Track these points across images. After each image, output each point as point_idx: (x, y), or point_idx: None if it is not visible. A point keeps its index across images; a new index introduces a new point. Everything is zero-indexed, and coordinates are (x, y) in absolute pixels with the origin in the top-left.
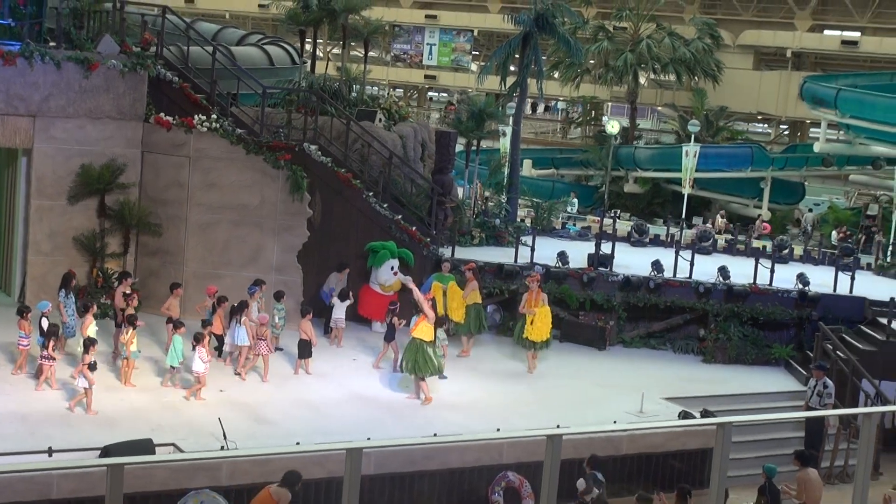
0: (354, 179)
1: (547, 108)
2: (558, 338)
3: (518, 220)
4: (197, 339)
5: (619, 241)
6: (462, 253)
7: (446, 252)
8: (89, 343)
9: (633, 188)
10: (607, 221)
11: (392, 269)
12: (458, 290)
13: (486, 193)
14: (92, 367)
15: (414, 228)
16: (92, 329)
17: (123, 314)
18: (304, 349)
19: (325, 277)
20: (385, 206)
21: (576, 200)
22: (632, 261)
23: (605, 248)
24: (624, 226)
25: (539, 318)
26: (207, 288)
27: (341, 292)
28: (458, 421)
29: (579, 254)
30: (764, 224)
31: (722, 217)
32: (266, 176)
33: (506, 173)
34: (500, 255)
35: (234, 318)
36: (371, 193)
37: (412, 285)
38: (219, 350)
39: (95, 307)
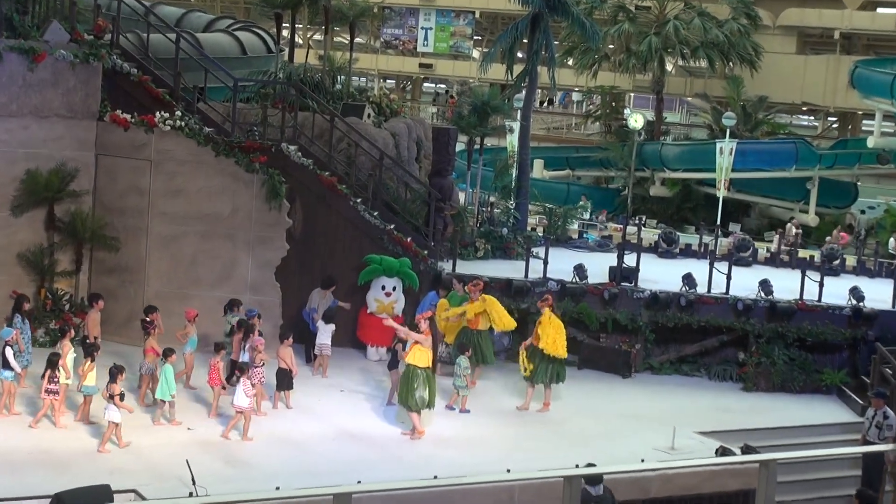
0: (340, 184)
1: (550, 102)
2: (577, 364)
3: (528, 228)
4: (241, 370)
5: (644, 252)
6: (464, 267)
7: (446, 266)
8: (117, 371)
9: (661, 191)
10: (631, 229)
11: (384, 288)
12: (499, 310)
13: (492, 199)
14: (121, 397)
15: (409, 239)
16: (70, 357)
17: (96, 342)
18: (284, 380)
19: (307, 296)
20: (375, 214)
21: (589, 204)
22: (660, 274)
23: (629, 260)
24: (650, 234)
25: (552, 332)
26: (186, 312)
27: (326, 313)
28: (461, 460)
29: (599, 267)
30: (842, 234)
31: (796, 227)
32: (239, 181)
33: (514, 175)
34: (508, 270)
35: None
36: (359, 200)
37: (392, 323)
38: (228, 379)
39: (73, 332)
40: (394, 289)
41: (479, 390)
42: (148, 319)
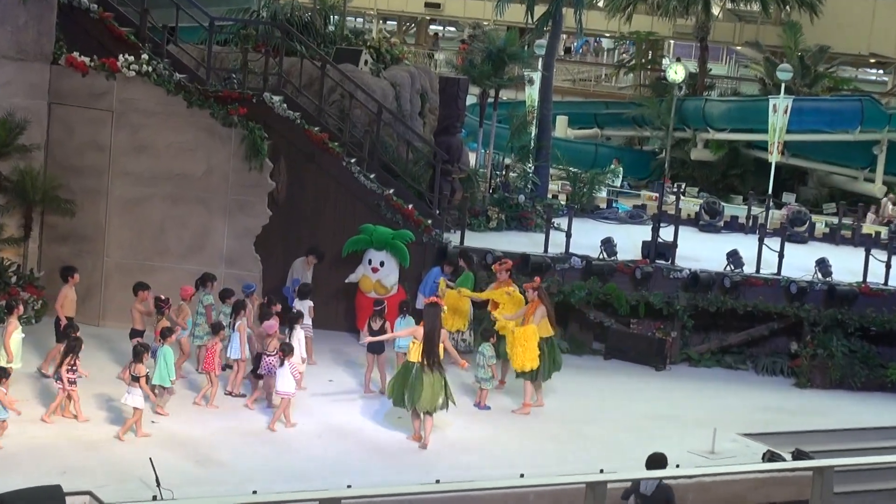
0: (331, 141)
1: (567, 51)
2: (603, 354)
3: (549, 196)
4: (284, 351)
5: (683, 225)
6: (475, 239)
7: (453, 238)
8: (143, 350)
9: (703, 154)
10: (668, 198)
11: (370, 262)
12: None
13: (507, 161)
14: (147, 378)
15: (410, 207)
16: (17, 338)
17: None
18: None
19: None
20: (372, 176)
21: (620, 170)
22: (701, 251)
23: (666, 234)
24: (691, 204)
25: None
26: (182, 290)
27: (301, 288)
28: (467, 463)
29: (631, 241)
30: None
31: (893, 203)
32: (214, 136)
33: (533, 134)
34: (524, 243)
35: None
36: (353, 160)
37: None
38: (255, 370)
39: (21, 308)
40: (381, 264)
41: None
42: (163, 298)
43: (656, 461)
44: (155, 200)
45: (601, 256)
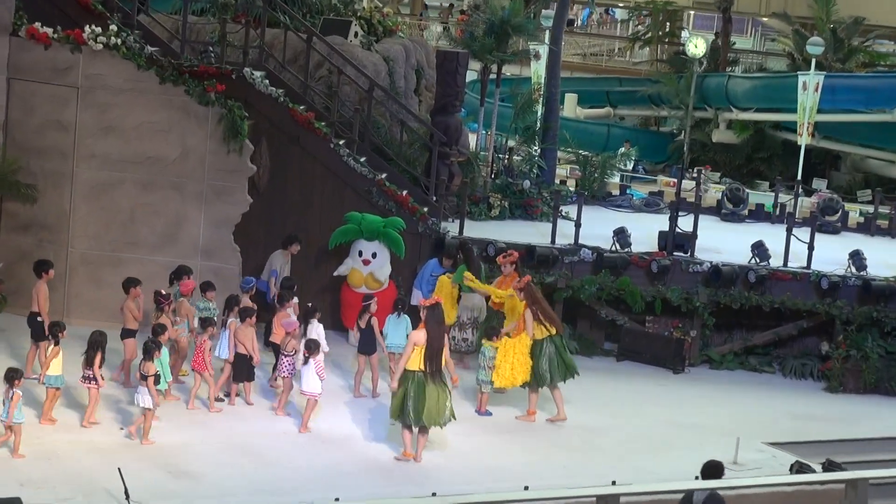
0: (318, 121)
1: (571, 23)
2: (615, 355)
3: (557, 181)
4: (310, 349)
5: (704, 214)
6: (475, 229)
7: (451, 227)
8: (154, 347)
9: (726, 136)
10: (688, 184)
11: (360, 254)
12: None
13: (511, 143)
14: (156, 379)
15: (405, 193)
16: None
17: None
18: (242, 368)
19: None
20: (363, 160)
21: (633, 153)
22: (723, 242)
23: (685, 223)
24: (712, 191)
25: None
26: (182, 285)
27: (284, 282)
28: (467, 475)
29: (646, 232)
30: None
31: None
32: (189, 116)
33: (539, 114)
34: (529, 234)
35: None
36: (342, 142)
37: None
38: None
39: None
40: (373, 255)
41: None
42: (164, 293)
43: (713, 470)
44: (124, 186)
45: (614, 248)
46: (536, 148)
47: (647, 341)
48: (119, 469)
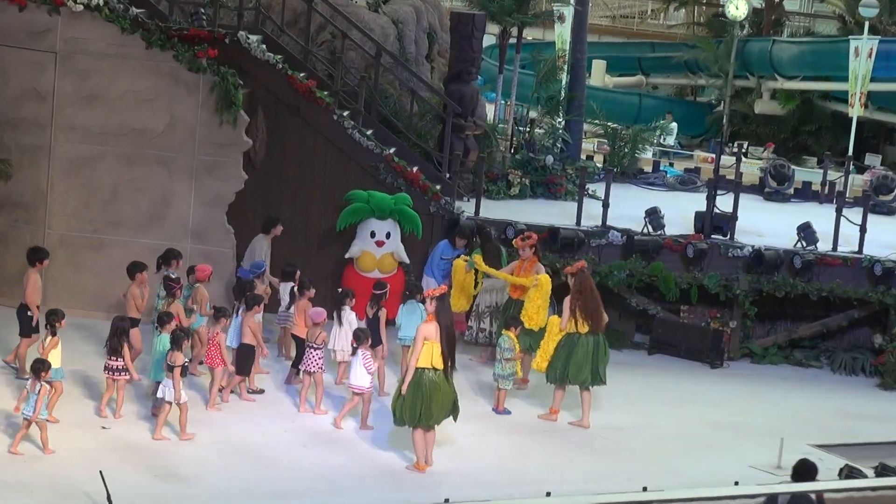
0: (320, 90)
1: None
2: (646, 348)
3: (583, 157)
4: (358, 340)
5: (745, 193)
6: (492, 209)
7: (466, 207)
8: (182, 336)
9: (770, 107)
10: (727, 160)
11: (373, 235)
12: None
13: (533, 114)
14: (183, 370)
15: (415, 169)
16: None
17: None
18: (245, 360)
19: (275, 248)
20: (369, 133)
21: (674, 126)
22: (766, 224)
23: (724, 203)
24: (754, 168)
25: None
26: (198, 269)
27: (285, 269)
28: (483, 479)
29: (681, 212)
30: None
31: None
32: (178, 84)
33: (564, 82)
34: (552, 214)
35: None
36: (346, 113)
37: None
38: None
39: None
40: (387, 236)
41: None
42: (175, 277)
43: (805, 470)
44: (107, 161)
45: (645, 230)
46: (560, 120)
47: (682, 333)
48: (101, 472)
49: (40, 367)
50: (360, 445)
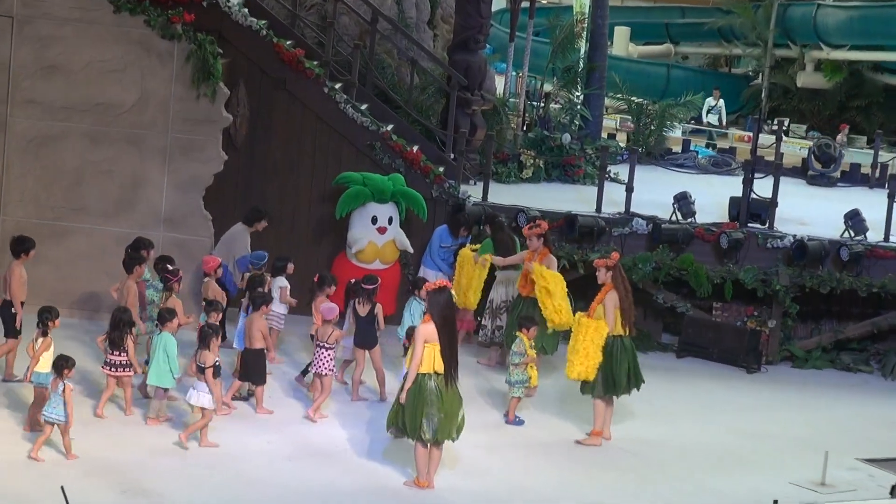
0: (309, 61)
1: None
2: (675, 350)
3: (604, 136)
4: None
5: (786, 177)
6: (502, 193)
7: (474, 192)
8: (211, 333)
9: (814, 79)
10: (766, 139)
11: (375, 221)
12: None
13: (548, 88)
14: (215, 371)
15: (416, 149)
16: None
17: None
18: (254, 366)
19: (258, 237)
20: (364, 108)
21: (721, 104)
22: (810, 211)
23: (762, 187)
24: (795, 148)
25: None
26: (204, 261)
27: (277, 262)
28: (489, 498)
29: (714, 198)
30: None
31: None
32: (150, 53)
33: (583, 52)
34: (569, 199)
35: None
36: (339, 86)
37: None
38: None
39: None
40: (389, 221)
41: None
42: (172, 269)
43: None
44: (70, 140)
45: (674, 218)
46: (579, 94)
47: (715, 333)
48: (62, 488)
49: (63, 364)
50: (353, 459)
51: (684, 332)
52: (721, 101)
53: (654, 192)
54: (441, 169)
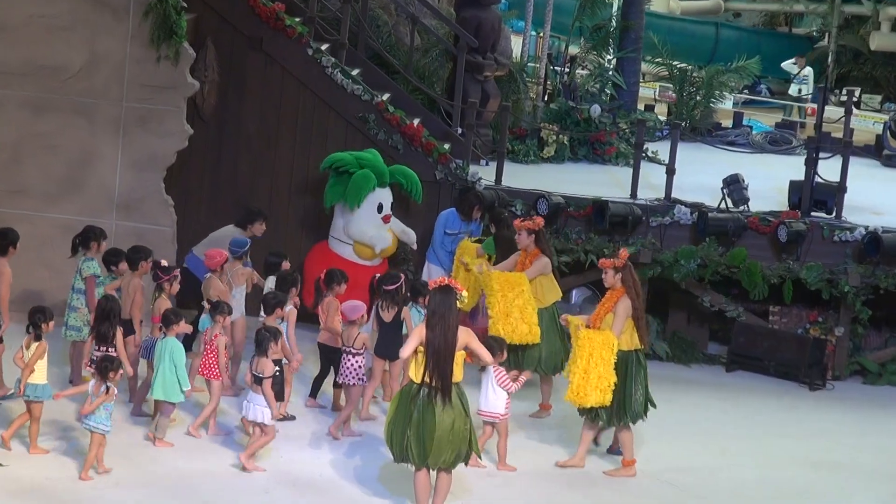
0: (290, 17)
1: None
2: (724, 362)
3: (640, 107)
4: (492, 348)
5: (857, 157)
6: (519, 176)
7: (485, 174)
8: (270, 336)
9: (890, 41)
10: (833, 111)
11: (380, 209)
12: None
13: (573, 50)
14: (275, 381)
15: (417, 122)
16: None
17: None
18: (274, 383)
19: (225, 222)
20: (355, 73)
21: (809, 72)
22: (884, 197)
23: (828, 170)
24: (868, 122)
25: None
26: (208, 256)
27: (270, 260)
28: None
29: (771, 182)
30: None
31: None
32: (102, 7)
33: (615, 7)
34: (599, 183)
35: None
36: (326, 47)
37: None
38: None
39: None
40: (392, 206)
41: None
42: (164, 265)
43: None
44: (7, 109)
45: (723, 205)
46: (610, 58)
47: (772, 343)
48: None
49: (108, 365)
50: (342, 487)
51: (735, 341)
52: (808, 70)
53: (699, 175)
54: (447, 146)
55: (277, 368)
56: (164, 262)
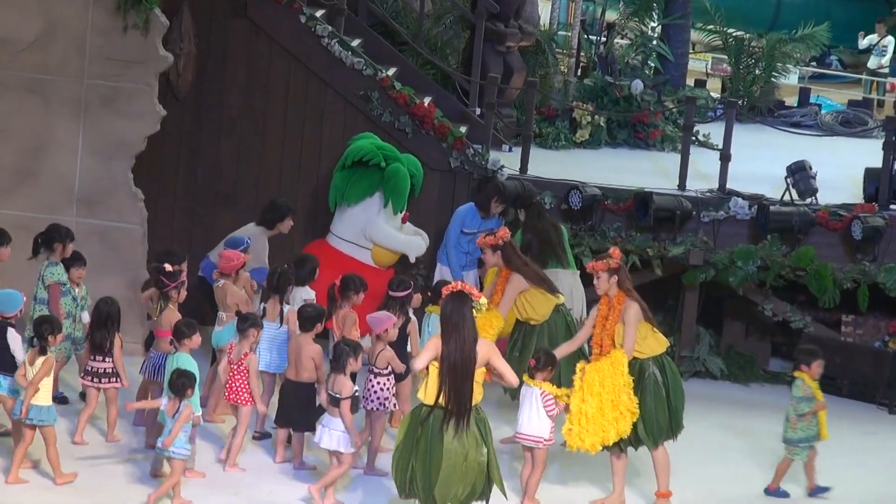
0: None
1: None
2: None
3: (689, 83)
4: (539, 364)
5: None
6: (548, 162)
7: (508, 161)
8: (348, 350)
9: None
10: None
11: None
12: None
13: (611, 17)
14: (355, 403)
15: (428, 101)
16: None
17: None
18: (304, 406)
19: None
20: (356, 44)
21: (889, 41)
22: None
23: None
24: None
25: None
26: (223, 257)
27: (301, 269)
28: None
29: (844, 169)
30: None
31: None
32: None
33: None
34: (641, 171)
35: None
36: (321, 13)
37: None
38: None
39: None
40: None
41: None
42: (168, 269)
43: None
44: None
45: (787, 197)
46: (654, 25)
47: (844, 358)
48: None
49: (185, 381)
50: None
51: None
52: (889, 39)
53: (759, 162)
54: (463, 129)
55: (356, 388)
56: (170, 267)
